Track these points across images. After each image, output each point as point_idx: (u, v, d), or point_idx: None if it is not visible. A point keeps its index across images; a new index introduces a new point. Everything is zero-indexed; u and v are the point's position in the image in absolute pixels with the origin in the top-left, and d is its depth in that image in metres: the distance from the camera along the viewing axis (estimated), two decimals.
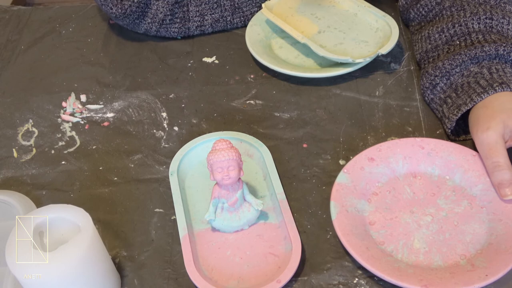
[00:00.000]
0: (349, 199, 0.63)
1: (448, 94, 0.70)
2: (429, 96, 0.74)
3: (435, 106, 0.73)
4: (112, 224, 0.66)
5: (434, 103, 0.73)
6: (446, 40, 0.74)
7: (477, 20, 0.72)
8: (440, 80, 0.72)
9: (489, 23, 0.72)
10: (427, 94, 0.74)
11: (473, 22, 0.72)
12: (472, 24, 0.72)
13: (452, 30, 0.73)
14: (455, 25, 0.73)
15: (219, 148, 0.60)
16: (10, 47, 0.94)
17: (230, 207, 0.62)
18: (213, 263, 0.60)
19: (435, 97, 0.72)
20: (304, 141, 0.73)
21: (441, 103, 0.71)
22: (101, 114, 0.80)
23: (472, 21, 0.72)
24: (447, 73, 0.71)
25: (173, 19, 0.87)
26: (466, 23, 0.73)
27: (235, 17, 0.90)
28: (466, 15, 0.73)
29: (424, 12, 0.80)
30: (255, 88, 0.81)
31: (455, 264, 0.57)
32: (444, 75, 0.71)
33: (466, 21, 0.73)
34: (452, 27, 0.73)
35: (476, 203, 0.63)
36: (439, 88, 0.72)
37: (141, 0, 0.84)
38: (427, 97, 0.74)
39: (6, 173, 0.73)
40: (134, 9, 0.84)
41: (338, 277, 0.59)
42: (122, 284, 0.60)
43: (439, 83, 0.72)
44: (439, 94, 0.72)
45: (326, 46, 0.82)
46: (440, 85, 0.72)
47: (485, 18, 0.72)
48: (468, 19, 0.73)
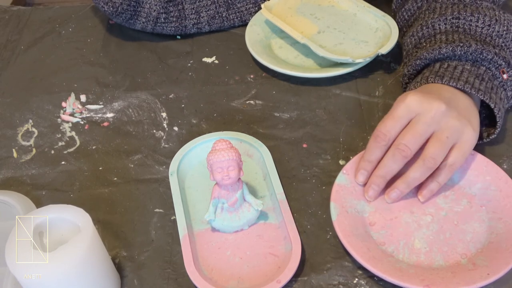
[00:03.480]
0: (349, 200, 0.63)
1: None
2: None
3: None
4: (112, 224, 0.66)
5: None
6: (415, 44, 0.74)
7: (443, 20, 0.71)
8: (408, 86, 0.72)
9: (455, 22, 0.71)
10: None
11: (440, 22, 0.71)
12: (438, 25, 0.72)
13: (420, 33, 0.73)
14: (423, 28, 0.73)
15: (219, 148, 0.60)
16: (10, 47, 0.94)
17: (230, 207, 0.62)
18: (213, 263, 0.60)
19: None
20: (304, 141, 0.73)
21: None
22: (101, 114, 0.80)
23: (439, 22, 0.72)
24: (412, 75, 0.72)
25: (169, 18, 0.87)
26: (433, 24, 0.72)
27: (230, 13, 0.90)
28: (434, 16, 0.73)
29: (406, 17, 0.80)
30: (255, 88, 0.81)
31: (456, 264, 0.57)
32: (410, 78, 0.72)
33: (433, 23, 0.72)
34: (421, 30, 0.73)
35: (475, 202, 0.63)
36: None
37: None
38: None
39: (6, 173, 0.73)
40: (125, 7, 0.84)
41: (338, 277, 0.59)
42: (122, 284, 0.60)
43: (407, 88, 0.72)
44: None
45: (326, 46, 0.82)
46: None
47: (452, 18, 0.71)
48: (435, 20, 0.72)
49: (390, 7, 0.89)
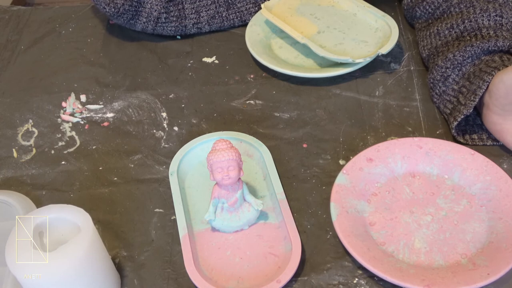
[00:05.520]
0: (349, 200, 0.63)
1: (462, 84, 0.70)
2: (440, 89, 0.73)
3: (447, 98, 0.72)
4: (112, 224, 0.66)
5: (446, 95, 0.72)
6: (456, 36, 0.74)
7: (487, 16, 0.72)
8: (452, 71, 0.71)
9: (499, 20, 0.72)
10: (438, 87, 0.73)
11: (483, 18, 0.72)
12: (482, 21, 0.72)
13: (462, 26, 0.73)
14: (465, 21, 0.73)
15: (219, 148, 0.60)
16: (10, 47, 0.94)
17: (230, 207, 0.62)
18: (213, 263, 0.60)
19: (448, 89, 0.72)
20: (304, 141, 0.73)
21: (456, 94, 0.71)
22: (101, 114, 0.80)
23: (482, 17, 0.72)
24: (458, 65, 0.71)
25: (169, 18, 0.87)
26: (476, 19, 0.73)
27: (230, 12, 0.90)
28: (476, 11, 0.73)
29: (431, 10, 0.80)
30: (255, 88, 0.81)
31: (456, 263, 0.57)
32: (456, 67, 0.71)
33: (476, 18, 0.73)
34: (462, 23, 0.73)
35: (475, 202, 0.63)
36: (451, 80, 0.72)
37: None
38: (438, 89, 0.73)
39: (6, 173, 0.73)
40: (127, 8, 0.84)
41: (338, 277, 0.59)
42: (122, 284, 0.60)
43: (450, 74, 0.71)
44: (452, 86, 0.71)
45: (326, 46, 0.82)
46: (452, 76, 0.71)
47: (495, 15, 0.72)
48: (478, 15, 0.73)
49: (390, 7, 0.89)
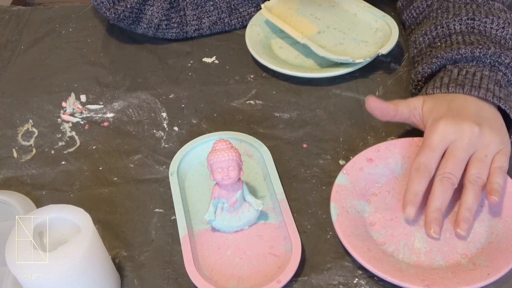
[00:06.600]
0: (349, 200, 0.63)
1: None
2: None
3: None
4: (112, 224, 0.66)
5: None
6: (429, 43, 0.73)
7: (458, 21, 0.71)
8: (423, 84, 0.71)
9: (470, 23, 0.71)
10: None
11: (455, 23, 0.71)
12: (453, 25, 0.71)
13: (435, 32, 0.73)
14: (437, 27, 0.73)
15: (219, 148, 0.60)
16: (10, 47, 0.94)
17: (230, 207, 0.62)
18: (213, 263, 0.60)
19: None
20: (304, 141, 0.73)
21: None
22: (101, 114, 0.80)
23: (453, 22, 0.71)
24: (429, 77, 0.71)
25: (170, 24, 0.87)
26: (448, 24, 0.72)
27: (233, 18, 0.89)
28: (448, 16, 0.72)
29: (415, 15, 0.80)
30: (255, 88, 0.81)
31: (456, 264, 0.57)
32: (427, 79, 0.71)
33: (448, 22, 0.72)
34: (435, 29, 0.73)
35: None
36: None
37: (134, 6, 0.84)
38: None
39: (6, 173, 0.73)
40: (127, 14, 0.84)
41: (338, 277, 0.59)
42: (122, 284, 0.60)
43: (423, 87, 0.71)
44: None
45: (326, 46, 0.82)
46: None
47: (467, 18, 0.71)
48: (450, 20, 0.72)
49: (390, 7, 0.89)
